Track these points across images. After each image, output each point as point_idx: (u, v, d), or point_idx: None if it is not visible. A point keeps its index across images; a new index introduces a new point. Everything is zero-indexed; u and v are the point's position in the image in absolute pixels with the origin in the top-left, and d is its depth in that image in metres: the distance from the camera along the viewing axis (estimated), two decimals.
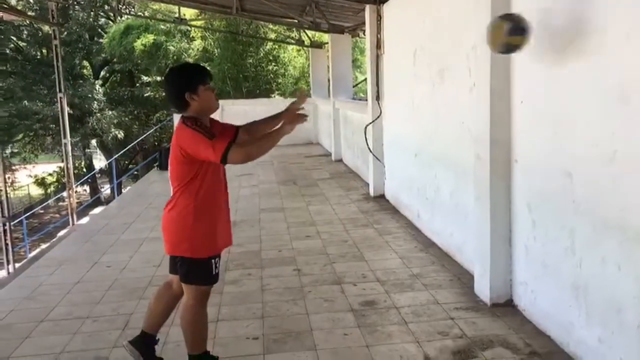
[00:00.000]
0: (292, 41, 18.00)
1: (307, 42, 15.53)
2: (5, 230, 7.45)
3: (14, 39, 22.38)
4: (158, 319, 3.34)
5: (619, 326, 2.82)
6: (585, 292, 3.10)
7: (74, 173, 11.03)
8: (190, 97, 2.97)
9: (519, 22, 3.20)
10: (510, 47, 3.27)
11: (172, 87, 3.04)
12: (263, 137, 3.06)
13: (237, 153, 2.82)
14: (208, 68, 3.27)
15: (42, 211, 24.53)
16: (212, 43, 19.95)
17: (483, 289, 4.16)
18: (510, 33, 3.18)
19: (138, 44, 19.69)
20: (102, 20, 24.36)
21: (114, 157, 18.77)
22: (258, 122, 3.39)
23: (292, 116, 3.09)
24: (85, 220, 9.00)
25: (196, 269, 3.04)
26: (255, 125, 3.37)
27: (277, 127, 3.09)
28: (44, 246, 8.23)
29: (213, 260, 3.07)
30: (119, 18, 22.91)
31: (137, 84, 23.89)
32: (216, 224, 3.08)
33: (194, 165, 2.95)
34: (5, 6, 9.19)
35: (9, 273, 6.88)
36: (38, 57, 23.00)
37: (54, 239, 8.03)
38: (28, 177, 25.37)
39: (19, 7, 20.47)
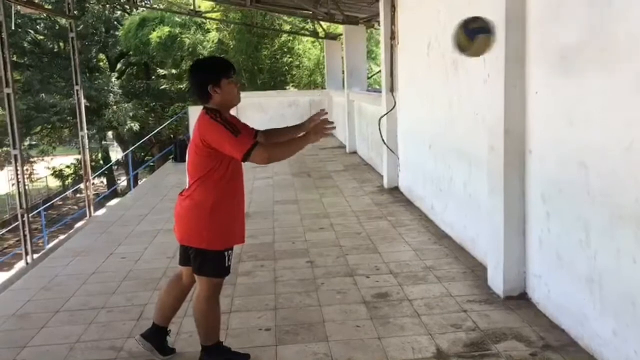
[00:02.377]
0: (307, 33, 17.99)
1: (322, 34, 15.49)
2: (24, 222, 7.55)
3: (32, 32, 22.60)
4: (168, 312, 3.37)
5: (633, 319, 2.79)
6: (600, 285, 3.07)
7: (91, 165, 11.12)
8: (214, 90, 2.98)
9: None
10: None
11: (196, 78, 3.06)
12: (288, 142, 3.11)
13: (261, 154, 2.88)
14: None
15: (60, 203, 24.87)
16: (228, 35, 19.97)
17: (497, 282, 4.13)
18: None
19: (154, 37, 19.78)
20: (118, 13, 24.51)
21: (130, 150, 18.91)
22: (278, 130, 3.41)
23: (319, 127, 3.09)
24: (102, 212, 9.09)
25: (211, 261, 3.06)
26: (274, 132, 3.38)
27: (303, 134, 3.12)
28: (61, 237, 8.32)
29: (227, 253, 3.09)
30: (134, 11, 23.03)
31: (153, 77, 24.03)
32: (233, 217, 3.10)
33: (214, 158, 2.96)
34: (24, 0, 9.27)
35: (27, 264, 6.98)
36: (55, 50, 23.23)
37: (71, 231, 8.12)
38: (46, 170, 25.68)
39: (36, 1, 20.64)
